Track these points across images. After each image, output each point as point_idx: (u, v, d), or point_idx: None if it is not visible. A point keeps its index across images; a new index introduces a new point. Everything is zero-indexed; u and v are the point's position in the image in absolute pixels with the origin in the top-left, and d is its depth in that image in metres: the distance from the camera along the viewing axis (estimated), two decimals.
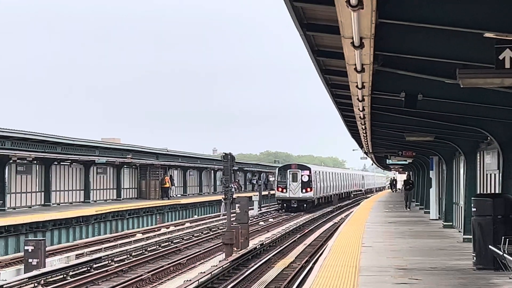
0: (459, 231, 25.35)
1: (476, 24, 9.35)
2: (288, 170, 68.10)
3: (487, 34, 9.41)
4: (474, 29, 9.44)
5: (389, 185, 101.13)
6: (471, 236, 17.37)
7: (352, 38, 8.79)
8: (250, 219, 43.44)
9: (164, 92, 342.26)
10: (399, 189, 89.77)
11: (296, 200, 67.16)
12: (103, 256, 30.42)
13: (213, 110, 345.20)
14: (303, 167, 69.12)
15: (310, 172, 67.82)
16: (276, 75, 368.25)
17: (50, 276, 25.22)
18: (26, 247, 26.84)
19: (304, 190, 67.19)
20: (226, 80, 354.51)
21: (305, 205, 67.28)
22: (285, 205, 67.68)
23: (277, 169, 71.77)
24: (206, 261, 31.69)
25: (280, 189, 67.83)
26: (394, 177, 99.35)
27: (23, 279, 24.16)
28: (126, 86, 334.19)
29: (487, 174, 22.18)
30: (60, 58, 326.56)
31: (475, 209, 16.57)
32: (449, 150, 28.53)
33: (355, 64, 10.48)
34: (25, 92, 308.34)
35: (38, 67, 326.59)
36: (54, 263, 28.59)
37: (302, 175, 67.39)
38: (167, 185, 60.30)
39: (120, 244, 36.08)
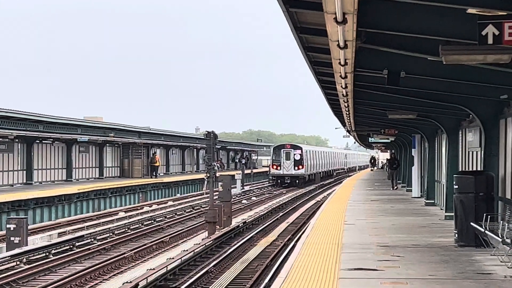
0: (441, 209, 25.45)
1: (458, 0, 9.31)
2: (282, 150, 74.49)
3: (470, 10, 9.37)
4: (456, 5, 9.40)
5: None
6: (453, 214, 17.48)
7: (335, 13, 8.73)
8: (233, 197, 43.44)
9: (147, 71, 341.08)
10: (381, 163, 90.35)
11: (289, 177, 73.28)
12: (86, 234, 30.36)
13: (195, 89, 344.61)
14: (296, 147, 75.60)
15: (301, 151, 74.32)
16: (259, 54, 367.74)
17: (32, 254, 25.13)
18: (8, 226, 26.76)
19: (296, 168, 73.64)
20: (209, 59, 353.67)
21: (297, 181, 73.35)
22: (279, 181, 73.71)
23: (272, 148, 79.20)
24: (189, 239, 31.73)
25: (274, 167, 74.15)
26: (373, 156, 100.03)
27: (5, 257, 24.06)
28: (107, 65, 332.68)
29: (469, 152, 22.24)
30: (41, 35, 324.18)
31: (457, 187, 16.63)
32: (431, 128, 28.57)
33: (338, 41, 10.41)
34: (4, 70, 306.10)
35: (18, 44, 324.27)
36: (36, 241, 28.54)
37: (294, 154, 73.78)
38: (158, 163, 60.22)
39: (102, 222, 36.04)
